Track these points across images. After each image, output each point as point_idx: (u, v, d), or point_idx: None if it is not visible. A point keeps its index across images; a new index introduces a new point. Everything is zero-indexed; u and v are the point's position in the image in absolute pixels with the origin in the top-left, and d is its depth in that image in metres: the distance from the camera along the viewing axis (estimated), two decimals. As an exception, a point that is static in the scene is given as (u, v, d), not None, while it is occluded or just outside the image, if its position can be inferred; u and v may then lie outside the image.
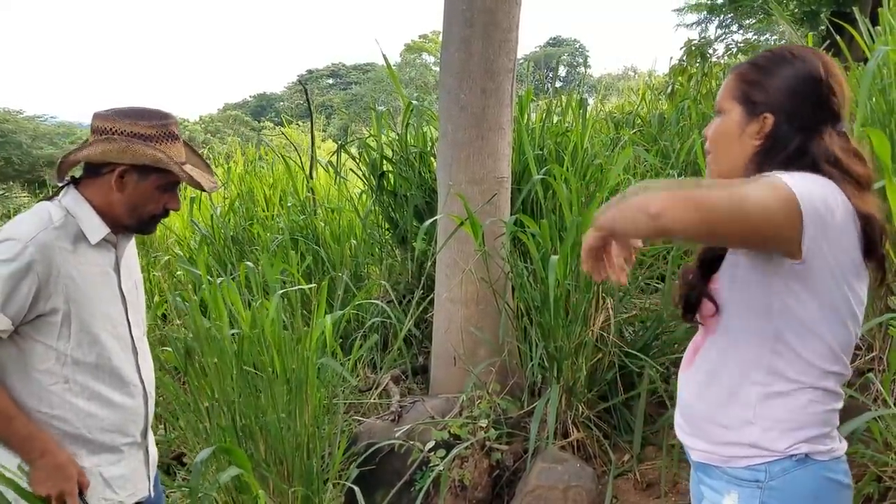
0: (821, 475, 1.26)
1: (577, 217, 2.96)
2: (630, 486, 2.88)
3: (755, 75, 1.33)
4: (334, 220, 4.90)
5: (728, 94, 1.36)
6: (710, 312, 1.32)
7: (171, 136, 1.72)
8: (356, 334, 3.86)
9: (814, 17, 9.35)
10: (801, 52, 1.33)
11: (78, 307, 1.64)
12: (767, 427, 1.27)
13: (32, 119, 19.50)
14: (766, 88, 1.31)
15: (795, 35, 4.41)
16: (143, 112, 1.72)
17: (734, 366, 1.31)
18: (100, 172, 1.69)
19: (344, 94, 45.93)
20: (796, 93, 1.29)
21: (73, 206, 1.68)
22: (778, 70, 1.31)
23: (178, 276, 4.96)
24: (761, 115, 1.30)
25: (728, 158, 1.36)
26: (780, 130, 1.29)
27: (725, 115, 1.36)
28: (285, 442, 2.59)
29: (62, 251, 1.62)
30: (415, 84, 36.91)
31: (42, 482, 1.60)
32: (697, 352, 1.41)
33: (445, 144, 3.41)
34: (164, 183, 1.73)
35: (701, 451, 1.37)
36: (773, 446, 1.26)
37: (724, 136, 1.36)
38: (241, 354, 2.65)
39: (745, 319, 1.28)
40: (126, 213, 1.72)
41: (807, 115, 1.28)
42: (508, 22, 3.32)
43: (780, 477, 1.25)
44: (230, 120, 32.00)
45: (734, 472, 1.30)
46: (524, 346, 3.29)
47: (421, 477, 2.89)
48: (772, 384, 1.27)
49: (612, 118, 6.31)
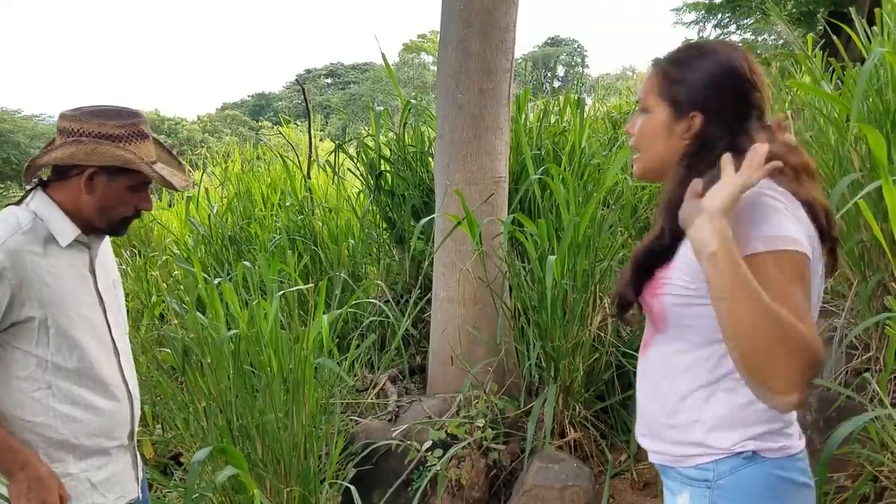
0: (771, 473, 1.23)
1: (575, 217, 2.96)
2: (627, 486, 2.88)
3: (679, 73, 1.31)
4: (332, 220, 4.90)
5: (652, 92, 1.34)
6: (656, 309, 1.29)
7: (140, 135, 1.68)
8: (353, 334, 3.86)
9: (811, 17, 9.36)
10: (720, 47, 1.31)
11: (54, 312, 1.61)
12: (713, 426, 1.25)
13: (30, 118, 19.49)
14: (690, 86, 1.29)
15: (792, 35, 4.41)
16: (111, 111, 1.67)
17: (682, 364, 1.28)
18: (68, 175, 1.64)
19: (342, 94, 45.94)
20: (722, 89, 1.27)
21: (42, 209, 1.64)
22: (700, 66, 1.29)
23: (175, 275, 4.95)
24: (689, 115, 1.29)
25: (655, 157, 1.35)
26: (708, 129, 1.28)
27: (651, 113, 1.34)
28: (282, 442, 2.59)
29: (32, 256, 1.58)
30: (413, 84, 36.92)
31: (22, 496, 1.56)
32: (643, 351, 1.39)
33: (443, 144, 3.41)
34: (135, 183, 1.68)
35: (656, 452, 1.35)
36: (719, 444, 1.24)
37: (651, 136, 1.34)
38: (239, 354, 2.64)
39: (696, 318, 1.25)
40: (96, 215, 1.67)
41: (733, 111, 1.28)
42: (506, 22, 3.32)
43: (728, 476, 1.23)
44: (228, 119, 32.01)
45: (685, 472, 1.29)
46: (521, 345, 3.29)
47: (418, 477, 2.89)
48: (717, 382, 1.25)
49: (610, 118, 6.31)
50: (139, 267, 5.14)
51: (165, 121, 32.20)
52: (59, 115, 1.68)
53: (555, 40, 54.88)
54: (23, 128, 18.04)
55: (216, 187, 6.71)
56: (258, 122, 31.40)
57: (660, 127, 1.33)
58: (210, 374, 2.66)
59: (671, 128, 1.31)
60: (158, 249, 5.91)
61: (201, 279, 3.08)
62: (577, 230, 2.94)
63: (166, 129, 30.65)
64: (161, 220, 6.58)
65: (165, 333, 3.26)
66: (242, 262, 3.36)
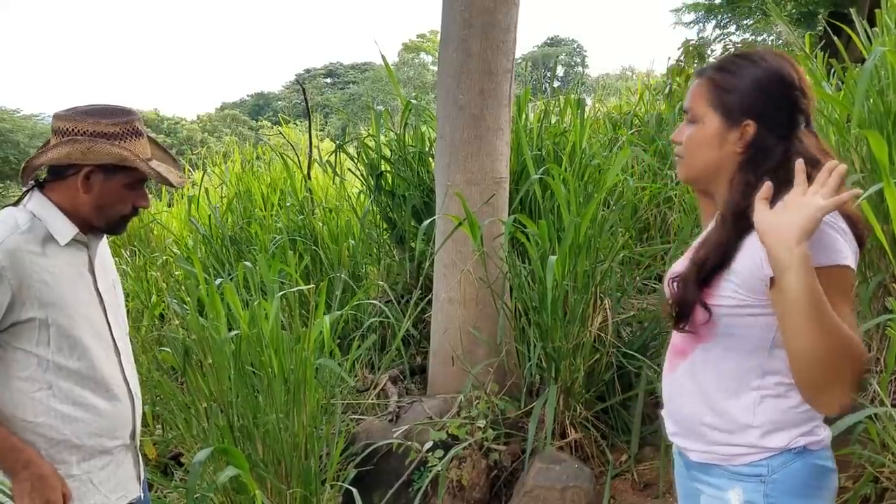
0: (814, 463, 1.31)
1: (576, 217, 2.96)
2: (628, 487, 2.88)
3: (729, 81, 1.33)
4: (332, 220, 4.90)
5: (702, 101, 1.36)
6: (704, 320, 1.32)
7: (135, 132, 1.68)
8: (354, 334, 3.85)
9: (811, 17, 9.37)
10: (767, 55, 1.34)
11: (55, 311, 1.60)
12: (767, 429, 1.30)
13: (30, 118, 19.46)
14: (742, 94, 1.31)
15: (793, 35, 4.41)
16: (105, 110, 1.67)
17: (731, 371, 1.33)
18: (64, 175, 1.64)
19: (341, 94, 45.94)
20: (773, 97, 1.30)
21: (39, 209, 1.64)
22: (750, 74, 1.31)
23: (175, 275, 4.95)
24: (742, 123, 1.31)
25: (705, 165, 1.37)
26: (761, 137, 1.30)
27: (701, 122, 1.36)
28: (283, 442, 2.59)
29: (31, 255, 1.58)
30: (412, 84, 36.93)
31: (25, 494, 1.56)
32: (681, 356, 1.42)
33: (444, 145, 3.41)
34: (131, 181, 1.69)
35: (699, 451, 1.39)
36: (773, 444, 1.30)
37: (703, 145, 1.36)
38: (240, 355, 2.64)
39: (744, 330, 1.29)
40: (94, 213, 1.68)
41: (784, 118, 1.31)
42: (507, 22, 3.32)
43: (780, 470, 1.30)
44: (228, 119, 32.00)
45: (735, 469, 1.33)
46: (522, 346, 3.29)
47: (419, 477, 2.89)
48: (768, 387, 1.30)
49: (610, 118, 6.31)
50: (139, 267, 5.14)
51: (165, 120, 32.19)
52: (53, 115, 1.68)
53: (554, 40, 54.86)
54: (22, 127, 18.02)
55: (216, 187, 6.71)
56: (257, 121, 31.39)
57: (711, 136, 1.35)
58: (211, 375, 2.66)
59: (723, 136, 1.34)
60: (158, 249, 5.91)
61: (202, 279, 3.08)
62: (577, 231, 2.94)
63: (166, 128, 30.64)
64: (161, 220, 6.58)
65: (166, 333, 3.26)
66: (243, 263, 3.35)
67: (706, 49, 6.67)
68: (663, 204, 4.35)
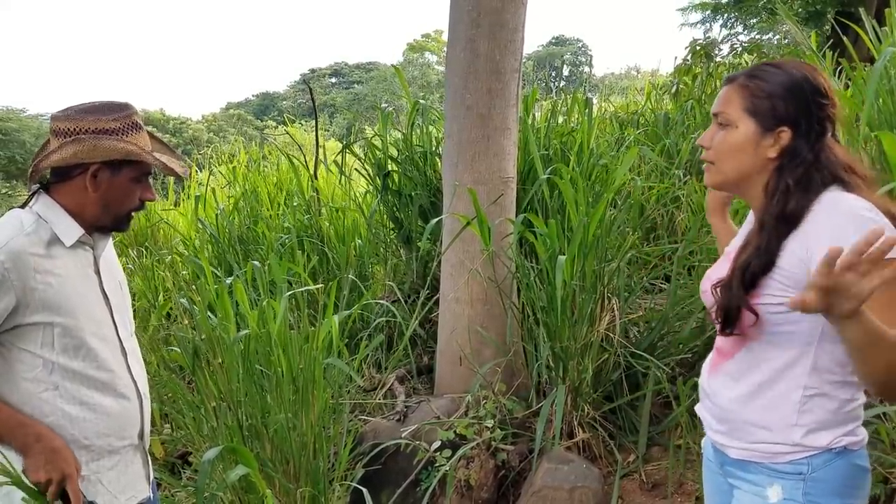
0: (854, 463, 1.34)
1: (585, 217, 2.96)
2: (636, 487, 2.88)
3: (764, 88, 1.35)
4: (339, 220, 4.90)
5: (736, 106, 1.37)
6: (752, 322, 1.34)
7: (134, 126, 1.68)
8: (361, 334, 3.86)
9: (819, 17, 9.33)
10: (797, 65, 1.37)
11: (60, 313, 1.60)
12: (811, 428, 1.33)
13: (35, 117, 19.51)
14: (777, 101, 1.33)
15: (801, 34, 4.40)
16: (103, 106, 1.67)
17: (776, 371, 1.35)
18: (71, 175, 1.64)
19: (346, 94, 45.97)
20: (807, 104, 1.33)
21: (45, 210, 1.64)
22: (784, 83, 1.34)
23: (182, 275, 4.96)
24: (777, 130, 1.34)
25: (738, 171, 1.39)
26: (795, 144, 1.33)
27: (734, 127, 1.37)
28: (292, 441, 2.59)
29: (36, 257, 1.58)
30: (417, 83, 36.93)
31: (40, 467, 1.54)
32: (726, 356, 1.44)
33: (451, 144, 3.41)
34: (137, 175, 1.69)
35: (740, 449, 1.41)
36: (817, 443, 1.33)
37: (735, 150, 1.38)
38: (248, 354, 2.65)
39: (792, 325, 1.31)
40: (102, 211, 1.68)
41: (816, 126, 1.33)
42: (515, 22, 3.32)
43: (821, 469, 1.32)
44: (233, 119, 32.03)
45: (776, 467, 1.35)
46: (530, 346, 3.29)
47: (426, 477, 2.89)
48: (814, 386, 1.32)
49: (617, 118, 6.31)
50: (146, 266, 5.15)
51: (171, 120, 32.23)
52: (50, 117, 1.67)
53: (559, 39, 54.77)
54: (28, 126, 18.07)
55: (223, 187, 6.73)
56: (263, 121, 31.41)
57: (745, 141, 1.37)
58: (220, 374, 2.67)
59: (757, 142, 1.36)
60: (166, 249, 5.93)
61: (211, 278, 3.09)
62: (586, 231, 2.94)
63: (171, 128, 30.67)
64: (168, 219, 6.60)
65: (174, 333, 3.27)
66: (252, 262, 3.36)
67: (713, 49, 6.65)
68: (671, 203, 4.34)
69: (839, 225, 1.22)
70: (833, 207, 1.26)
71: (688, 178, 4.44)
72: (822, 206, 1.27)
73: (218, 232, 5.17)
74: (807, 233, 1.27)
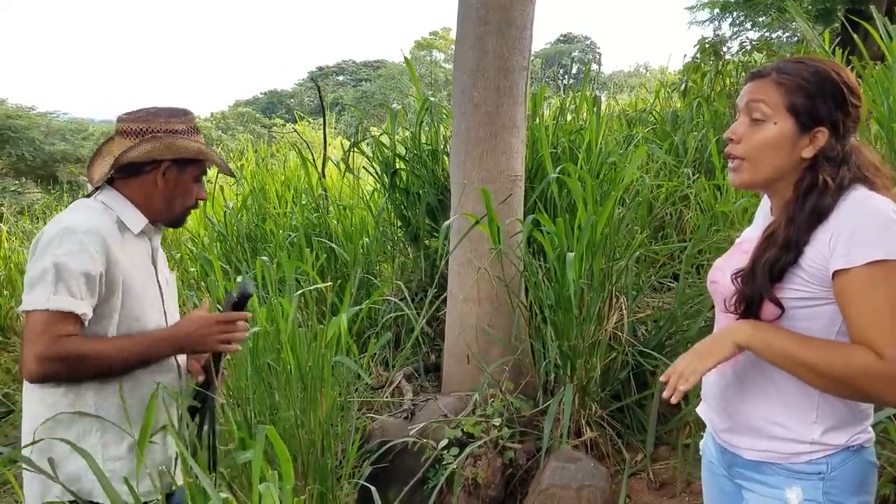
0: (867, 460, 1.36)
1: (592, 215, 2.95)
2: (643, 486, 2.87)
3: (801, 85, 1.32)
4: (346, 218, 4.91)
5: (773, 102, 1.34)
6: (773, 316, 1.32)
7: (196, 129, 1.83)
8: (369, 332, 3.86)
9: (828, 14, 9.28)
10: (825, 62, 1.36)
11: (128, 294, 1.70)
12: (830, 426, 1.33)
13: (45, 115, 19.55)
14: (817, 100, 1.31)
15: (811, 32, 4.37)
16: (170, 110, 1.80)
17: None
18: (142, 171, 1.76)
19: (354, 91, 45.96)
20: (842, 104, 1.32)
21: (111, 201, 1.76)
22: (820, 81, 1.32)
23: (192, 272, 4.97)
24: (815, 130, 1.32)
25: (774, 170, 1.36)
26: (830, 144, 1.32)
27: (770, 124, 1.34)
28: (300, 439, 2.60)
29: (114, 239, 1.69)
30: (425, 81, 36.90)
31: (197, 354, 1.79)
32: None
33: (459, 142, 3.41)
34: (198, 173, 1.83)
35: (756, 450, 1.40)
36: (835, 441, 1.33)
37: (772, 147, 1.34)
38: (257, 351, 2.66)
39: (811, 321, 1.31)
40: (165, 206, 1.80)
41: (847, 125, 1.33)
42: (523, 20, 3.31)
43: (840, 467, 1.33)
44: (241, 117, 32.07)
45: (794, 467, 1.35)
46: (537, 344, 3.29)
47: (434, 475, 2.89)
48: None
49: (626, 116, 6.29)
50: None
51: (179, 118, 32.25)
52: (118, 118, 1.79)
53: (568, 37, 54.59)
54: (38, 124, 18.11)
55: (231, 185, 6.74)
56: (271, 119, 31.46)
57: (783, 140, 1.34)
58: (229, 371, 2.67)
59: (794, 141, 1.33)
60: (174, 246, 5.95)
61: (220, 275, 3.09)
62: (594, 229, 2.93)
63: (180, 126, 30.71)
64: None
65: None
66: (261, 259, 3.37)
67: (722, 46, 6.62)
68: (679, 202, 4.33)
69: (861, 224, 1.23)
70: (859, 207, 1.26)
71: (696, 176, 4.42)
72: (847, 203, 1.27)
73: (226, 229, 5.19)
74: (831, 229, 1.27)
